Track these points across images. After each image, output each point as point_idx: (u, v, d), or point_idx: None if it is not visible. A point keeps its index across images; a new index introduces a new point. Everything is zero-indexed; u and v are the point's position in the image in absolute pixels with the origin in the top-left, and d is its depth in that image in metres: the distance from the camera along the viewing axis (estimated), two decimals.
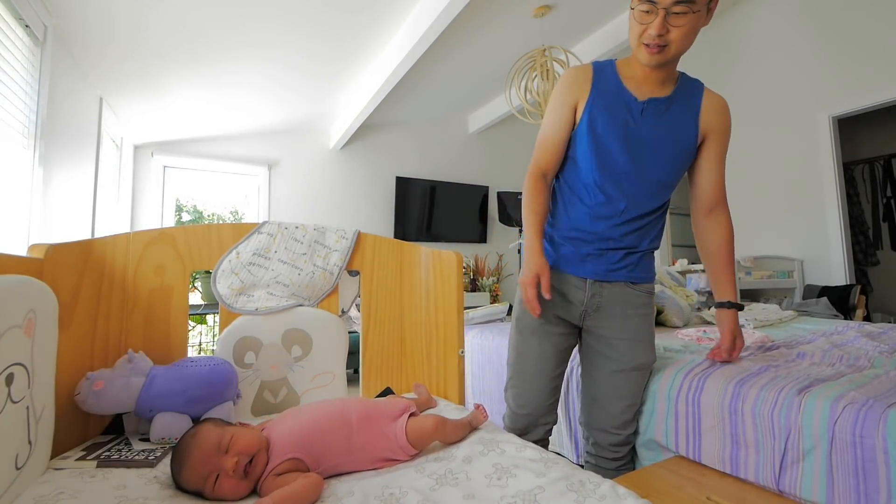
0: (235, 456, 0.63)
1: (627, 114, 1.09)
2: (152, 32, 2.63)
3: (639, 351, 1.18)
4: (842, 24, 3.57)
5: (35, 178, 2.20)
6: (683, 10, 0.92)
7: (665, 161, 1.10)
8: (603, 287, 1.15)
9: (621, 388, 1.17)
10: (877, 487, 0.95)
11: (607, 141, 1.10)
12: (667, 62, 1.02)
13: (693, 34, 0.98)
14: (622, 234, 1.13)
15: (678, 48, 0.99)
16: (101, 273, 0.99)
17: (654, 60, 1.01)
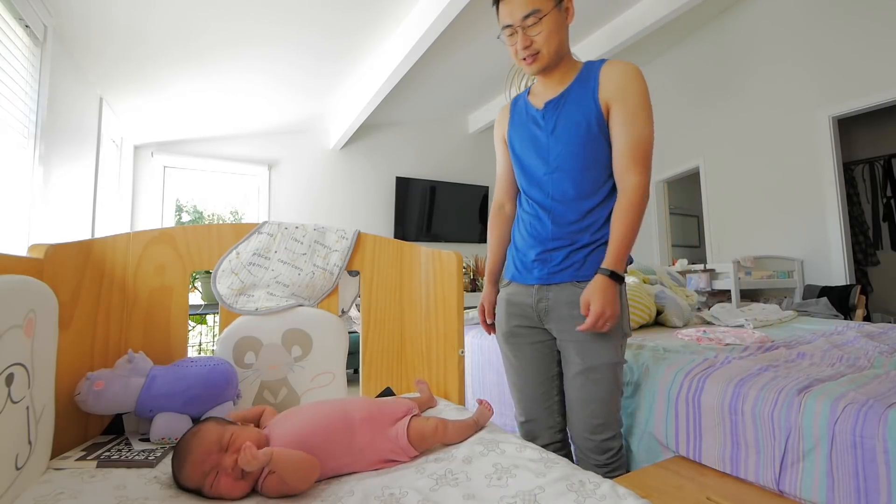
0: (234, 454, 0.63)
1: (534, 126, 1.17)
2: (152, 32, 2.63)
3: (592, 352, 1.11)
4: (842, 24, 3.57)
5: (35, 177, 2.20)
6: (533, 21, 1.04)
7: (575, 149, 1.10)
8: (549, 290, 1.13)
9: (583, 391, 1.12)
10: (877, 488, 0.95)
11: (524, 155, 1.19)
12: (548, 65, 1.10)
13: (556, 33, 1.07)
14: (560, 234, 1.12)
15: (549, 49, 1.07)
16: (101, 273, 0.99)
17: (535, 69, 1.10)
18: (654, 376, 1.45)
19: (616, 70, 1.08)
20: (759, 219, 4.19)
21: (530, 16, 1.03)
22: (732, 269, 3.52)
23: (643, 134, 1.06)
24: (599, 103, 1.08)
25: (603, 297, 0.99)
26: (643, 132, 1.06)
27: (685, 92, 4.92)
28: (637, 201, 1.03)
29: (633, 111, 1.05)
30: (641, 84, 1.08)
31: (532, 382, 1.20)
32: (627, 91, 1.06)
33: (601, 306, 0.98)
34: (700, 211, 4.93)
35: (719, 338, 1.87)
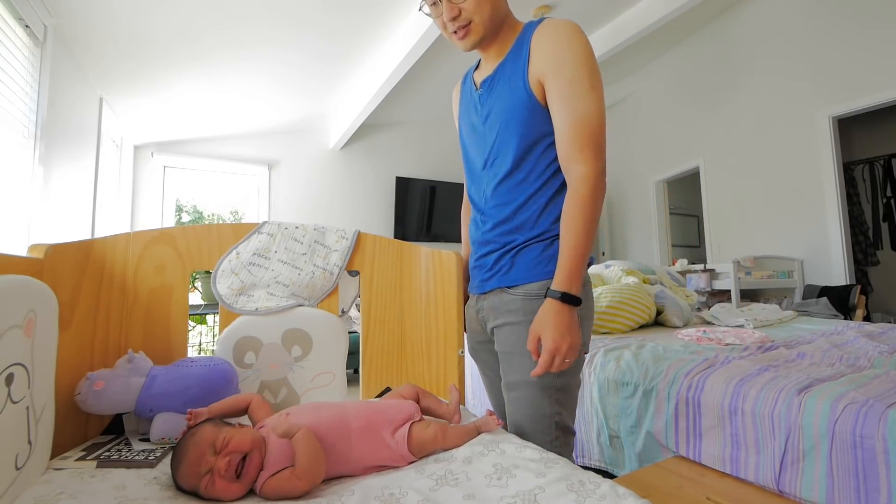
0: (227, 456, 0.63)
1: (474, 112, 1.01)
2: (152, 32, 2.63)
3: (510, 366, 0.92)
4: (841, 24, 3.58)
5: (35, 177, 2.20)
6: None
7: (508, 138, 0.92)
8: (485, 299, 1.00)
9: (507, 409, 0.96)
10: (877, 487, 0.95)
11: (467, 147, 1.05)
12: (484, 36, 0.93)
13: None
14: (492, 238, 0.97)
15: (482, 17, 0.90)
16: (101, 273, 0.99)
17: (469, 43, 0.93)
18: (654, 376, 1.45)
19: (546, 35, 0.88)
20: (759, 219, 4.19)
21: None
22: (732, 269, 3.53)
23: (586, 110, 0.83)
24: (529, 82, 0.89)
25: (555, 328, 0.77)
26: (586, 108, 0.83)
27: (685, 92, 4.92)
28: (587, 197, 0.81)
29: (570, 83, 0.84)
30: (578, 45, 0.85)
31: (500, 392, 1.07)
32: (561, 59, 0.85)
33: (554, 341, 0.76)
34: (700, 211, 4.94)
35: (719, 338, 1.87)
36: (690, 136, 4.89)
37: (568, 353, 0.78)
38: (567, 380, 0.90)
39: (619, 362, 1.60)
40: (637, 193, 5.60)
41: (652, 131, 5.37)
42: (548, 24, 0.90)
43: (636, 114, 5.62)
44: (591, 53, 0.86)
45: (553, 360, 0.78)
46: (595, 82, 0.85)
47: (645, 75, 5.39)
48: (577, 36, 0.87)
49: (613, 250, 5.97)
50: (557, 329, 0.78)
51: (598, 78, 0.86)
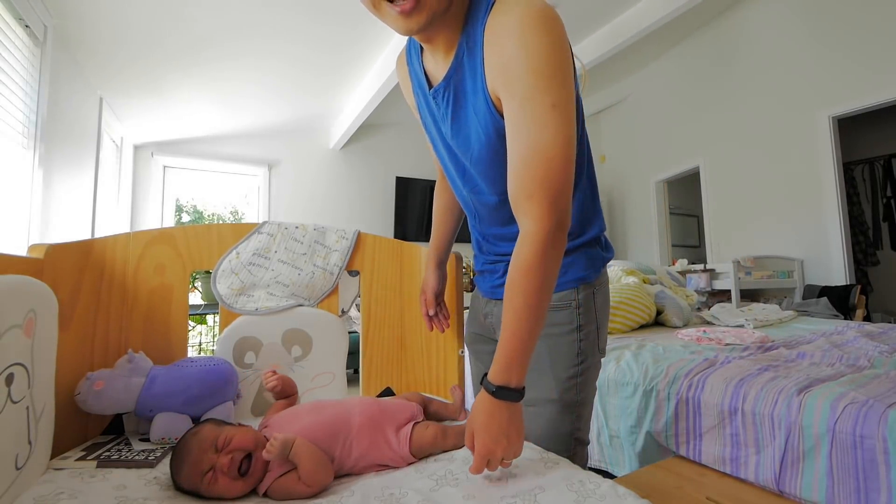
0: (230, 454, 0.63)
1: (433, 121, 0.82)
2: (153, 33, 2.63)
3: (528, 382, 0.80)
4: (842, 24, 3.58)
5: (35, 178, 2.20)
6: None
7: (482, 168, 0.76)
8: (495, 305, 0.92)
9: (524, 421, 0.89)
10: (877, 487, 0.95)
11: (438, 152, 0.87)
12: (432, 18, 0.66)
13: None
14: (498, 248, 0.88)
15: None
16: (101, 273, 0.99)
17: (414, 23, 0.66)
18: (654, 376, 1.45)
19: (495, 32, 0.65)
20: (759, 219, 4.19)
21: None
22: (732, 269, 3.53)
23: (538, 141, 0.62)
24: (491, 100, 0.68)
25: (486, 431, 0.62)
26: (538, 138, 0.62)
27: (685, 92, 4.92)
28: (532, 263, 0.62)
29: (522, 104, 0.63)
30: (534, 44, 0.61)
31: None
32: (511, 69, 0.63)
33: (485, 446, 0.61)
34: (700, 211, 4.94)
35: (719, 338, 1.87)
36: (690, 136, 4.89)
37: (505, 456, 0.62)
38: (586, 394, 0.85)
39: (619, 362, 1.60)
40: (637, 193, 5.60)
41: (652, 131, 5.37)
42: (499, 13, 0.65)
43: (636, 114, 5.62)
44: (554, 51, 0.62)
45: (482, 463, 0.62)
46: (558, 96, 0.62)
47: (645, 75, 5.39)
48: (533, 29, 0.61)
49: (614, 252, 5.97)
50: (489, 433, 0.62)
51: (562, 89, 0.62)
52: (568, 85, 0.63)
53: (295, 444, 0.64)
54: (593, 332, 0.86)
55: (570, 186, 0.64)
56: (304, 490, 0.63)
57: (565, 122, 0.62)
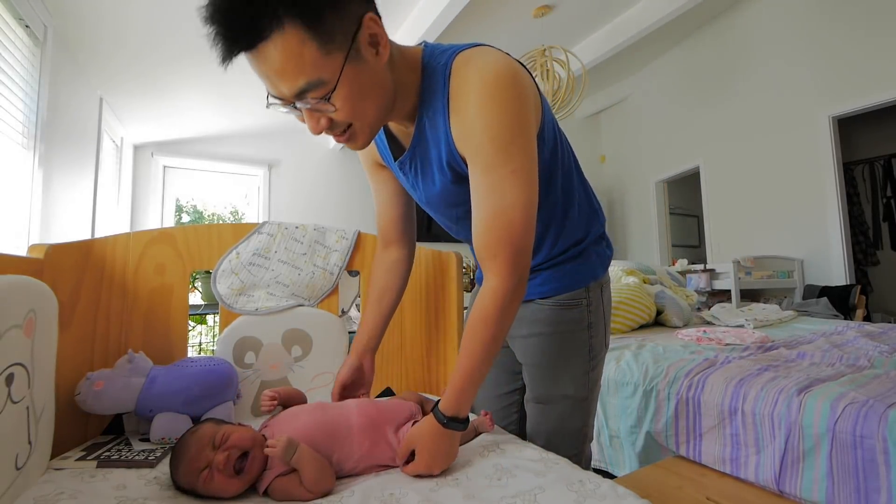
0: (226, 451, 0.63)
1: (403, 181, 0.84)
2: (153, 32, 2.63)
3: (545, 380, 0.88)
4: (842, 24, 3.58)
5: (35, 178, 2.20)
6: (318, 96, 0.59)
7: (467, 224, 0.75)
8: None
9: (532, 421, 0.91)
10: (877, 487, 0.95)
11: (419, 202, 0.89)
12: (374, 134, 0.69)
13: (367, 94, 0.63)
14: None
15: (364, 120, 0.66)
16: (101, 273, 0.99)
17: (359, 146, 0.69)
18: (654, 376, 1.45)
19: (458, 99, 0.65)
20: (759, 219, 4.19)
21: (308, 91, 0.58)
22: (732, 269, 3.53)
23: (500, 205, 0.64)
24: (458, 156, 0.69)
25: (430, 455, 0.67)
26: (500, 201, 0.64)
27: (685, 92, 4.92)
28: (493, 315, 0.66)
29: (484, 171, 0.65)
30: (492, 112, 0.62)
31: (490, 396, 1.02)
32: (473, 138, 0.65)
33: (428, 466, 0.67)
34: (700, 211, 4.94)
35: (719, 338, 1.87)
36: (690, 136, 4.89)
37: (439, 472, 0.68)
38: (595, 390, 0.89)
39: (619, 362, 1.60)
40: (637, 193, 5.60)
41: (652, 131, 5.37)
42: (457, 82, 0.65)
43: (636, 114, 5.62)
44: (513, 117, 0.63)
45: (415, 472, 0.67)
46: (519, 162, 0.64)
47: (645, 75, 5.39)
48: (490, 98, 0.62)
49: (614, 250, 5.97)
50: (433, 456, 0.67)
51: (522, 154, 0.64)
52: (528, 148, 0.66)
53: (298, 450, 0.64)
54: (601, 329, 0.89)
55: (530, 244, 0.68)
56: (305, 494, 0.63)
57: (525, 186, 0.65)
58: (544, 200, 0.76)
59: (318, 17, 0.55)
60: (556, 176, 0.79)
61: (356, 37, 0.59)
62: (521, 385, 0.97)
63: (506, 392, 1.01)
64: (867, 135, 4.79)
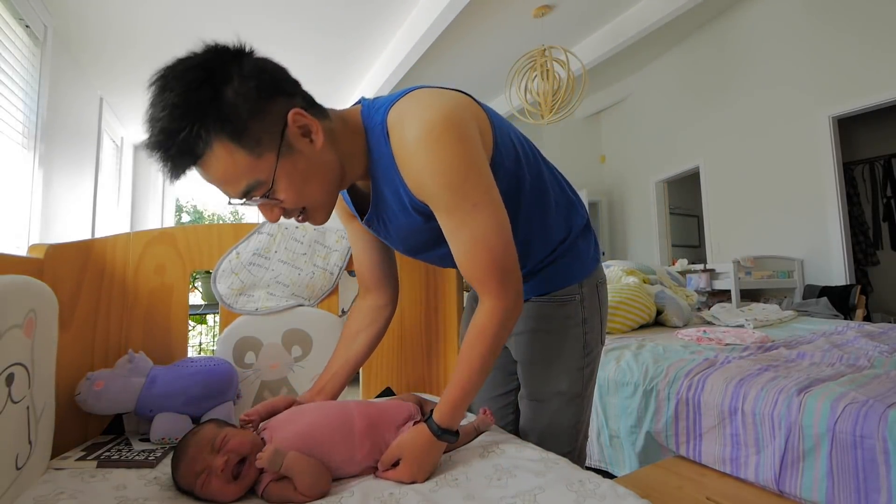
0: (225, 455, 0.63)
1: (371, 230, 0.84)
2: (153, 31, 2.63)
3: (532, 375, 0.88)
4: (842, 24, 3.58)
5: (35, 178, 2.20)
6: (261, 194, 0.64)
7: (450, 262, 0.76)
8: None
9: (525, 418, 0.91)
10: (877, 487, 0.95)
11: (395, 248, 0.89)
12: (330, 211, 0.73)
13: (303, 179, 0.66)
14: None
15: (315, 201, 0.69)
16: (101, 273, 0.99)
17: (319, 223, 0.73)
18: (654, 376, 1.45)
19: (401, 158, 0.67)
20: (759, 219, 4.19)
21: (251, 192, 0.64)
22: (732, 269, 3.53)
23: (473, 237, 0.67)
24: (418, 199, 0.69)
25: (418, 463, 0.67)
26: (472, 234, 0.66)
27: (685, 92, 4.92)
28: (492, 333, 0.69)
29: (447, 213, 0.67)
30: (437, 163, 0.64)
31: (486, 397, 1.02)
32: (427, 188, 0.66)
33: (412, 475, 0.66)
34: (700, 211, 4.94)
35: (719, 338, 1.87)
36: (690, 136, 4.89)
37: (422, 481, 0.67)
38: (590, 386, 0.89)
39: (619, 362, 1.60)
40: (637, 193, 5.60)
41: (652, 131, 5.37)
42: (396, 137, 0.67)
43: (636, 114, 5.62)
44: (458, 157, 0.64)
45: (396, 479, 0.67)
46: (478, 195, 0.65)
47: (645, 75, 5.39)
48: (430, 147, 0.63)
49: (613, 250, 5.97)
50: (420, 465, 0.67)
51: (477, 186, 0.65)
52: (482, 179, 0.66)
53: (287, 458, 0.63)
54: (597, 324, 0.88)
55: (514, 261, 0.69)
56: (300, 498, 0.62)
57: (491, 213, 0.67)
58: (519, 217, 0.78)
59: (242, 128, 0.60)
60: (524, 186, 0.79)
61: (284, 134, 0.63)
62: (517, 385, 0.97)
63: (502, 392, 1.01)
64: (867, 135, 4.79)
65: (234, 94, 0.59)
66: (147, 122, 0.60)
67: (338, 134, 0.70)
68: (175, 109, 0.58)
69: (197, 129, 0.58)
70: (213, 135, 0.59)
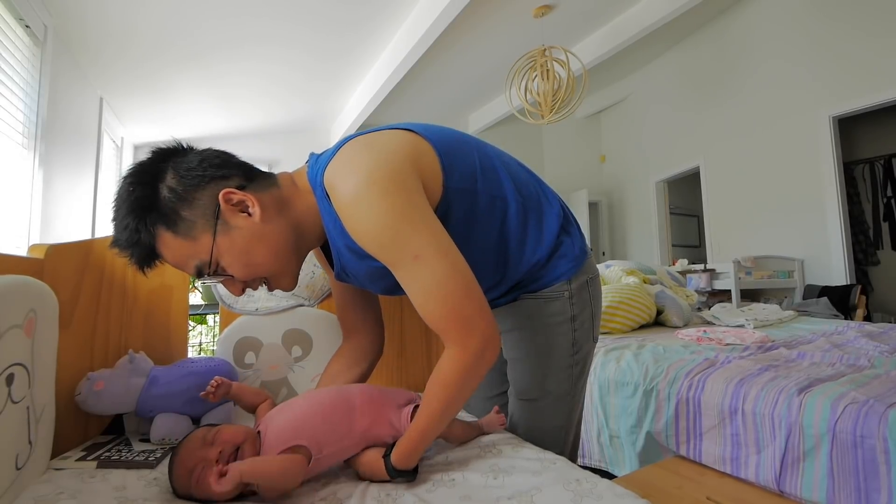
0: (220, 446, 0.63)
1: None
2: (153, 32, 2.63)
3: (520, 373, 0.86)
4: (842, 23, 3.57)
5: (35, 178, 2.21)
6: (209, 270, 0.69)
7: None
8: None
9: (513, 416, 0.89)
10: (877, 487, 0.95)
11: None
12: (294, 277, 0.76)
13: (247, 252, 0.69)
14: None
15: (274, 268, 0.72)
16: (101, 273, 0.99)
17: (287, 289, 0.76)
18: (655, 376, 1.45)
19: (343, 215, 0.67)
20: (759, 219, 4.19)
21: (202, 271, 0.69)
22: (732, 269, 3.53)
23: (425, 287, 0.65)
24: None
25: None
26: (423, 285, 0.65)
27: (685, 92, 4.92)
28: (454, 381, 0.66)
29: (393, 266, 0.66)
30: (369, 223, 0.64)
31: (480, 398, 1.01)
32: (368, 245, 0.66)
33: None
34: (700, 211, 4.94)
35: (719, 338, 1.87)
36: (690, 135, 4.89)
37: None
38: (580, 385, 0.87)
39: (619, 362, 1.60)
40: (637, 193, 5.60)
41: (652, 131, 5.37)
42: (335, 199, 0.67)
43: (636, 113, 5.62)
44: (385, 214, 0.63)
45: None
46: (416, 245, 0.64)
47: (645, 75, 5.39)
48: (359, 208, 0.64)
49: (613, 250, 5.97)
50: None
51: (413, 235, 0.63)
52: (420, 226, 0.64)
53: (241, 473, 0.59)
54: (588, 321, 0.86)
55: (480, 306, 0.66)
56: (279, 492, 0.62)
57: (436, 260, 0.64)
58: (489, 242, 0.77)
59: (175, 217, 0.66)
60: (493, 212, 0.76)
61: (218, 214, 0.67)
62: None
63: (497, 394, 1.00)
64: (867, 134, 4.78)
65: (167, 189, 0.66)
66: (110, 222, 0.70)
67: (288, 199, 0.73)
68: (121, 210, 0.67)
69: (138, 224, 0.66)
70: (153, 227, 0.66)
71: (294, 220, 0.73)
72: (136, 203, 0.66)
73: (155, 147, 0.73)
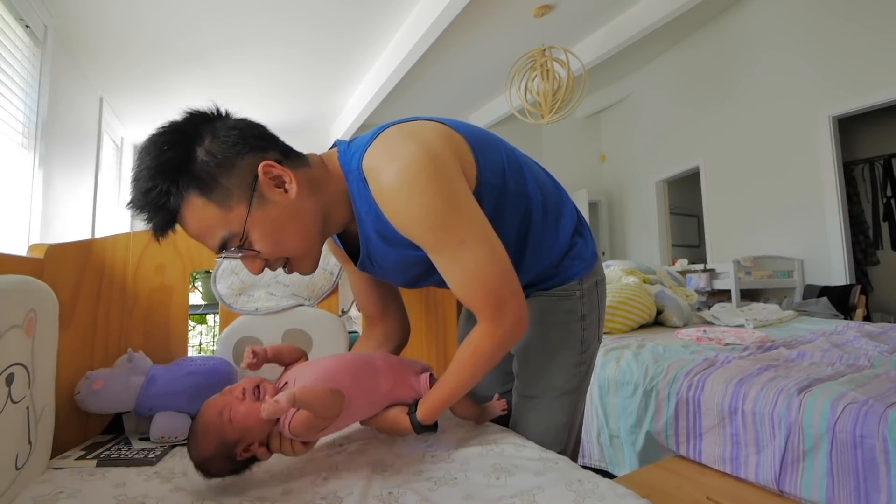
0: (241, 386, 0.65)
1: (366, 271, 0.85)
2: (153, 32, 2.63)
3: (528, 370, 0.88)
4: (842, 23, 3.58)
5: (35, 178, 2.20)
6: (235, 243, 0.66)
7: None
8: None
9: (516, 412, 0.90)
10: (877, 487, 0.95)
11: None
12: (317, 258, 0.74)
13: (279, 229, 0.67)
14: None
15: (291, 249, 0.70)
16: (101, 273, 0.99)
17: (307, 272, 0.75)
18: (654, 376, 1.45)
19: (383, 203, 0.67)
20: (759, 219, 4.19)
21: (227, 244, 0.66)
22: (732, 268, 3.53)
23: (465, 272, 0.67)
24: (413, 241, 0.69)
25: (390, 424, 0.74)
26: (464, 269, 0.67)
27: (685, 92, 4.92)
28: (486, 353, 0.71)
29: (435, 251, 0.68)
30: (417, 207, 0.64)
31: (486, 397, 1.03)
32: (413, 230, 0.67)
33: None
34: (700, 211, 4.93)
35: (719, 338, 1.87)
36: (690, 135, 4.89)
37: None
38: (585, 383, 0.89)
39: (619, 362, 1.60)
40: (637, 193, 5.60)
41: (652, 131, 5.37)
42: (374, 184, 0.67)
43: (636, 113, 5.62)
44: (435, 199, 0.64)
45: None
46: (463, 231, 0.65)
47: (645, 75, 5.39)
48: (406, 192, 0.64)
49: (613, 250, 5.97)
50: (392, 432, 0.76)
51: (460, 221, 0.65)
52: (465, 213, 0.66)
53: (297, 397, 0.60)
54: (595, 322, 0.88)
55: (511, 289, 0.69)
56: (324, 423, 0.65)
57: (480, 245, 0.67)
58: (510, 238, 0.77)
59: (213, 183, 0.63)
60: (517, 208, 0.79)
61: (255, 186, 0.65)
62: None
63: (502, 393, 1.00)
64: (867, 134, 4.79)
65: (205, 152, 0.63)
66: (130, 183, 0.65)
67: (320, 180, 0.72)
68: (150, 170, 0.62)
69: (168, 186, 0.62)
70: (185, 191, 0.62)
71: (324, 202, 0.71)
72: (169, 164, 0.62)
73: (189, 108, 0.69)
